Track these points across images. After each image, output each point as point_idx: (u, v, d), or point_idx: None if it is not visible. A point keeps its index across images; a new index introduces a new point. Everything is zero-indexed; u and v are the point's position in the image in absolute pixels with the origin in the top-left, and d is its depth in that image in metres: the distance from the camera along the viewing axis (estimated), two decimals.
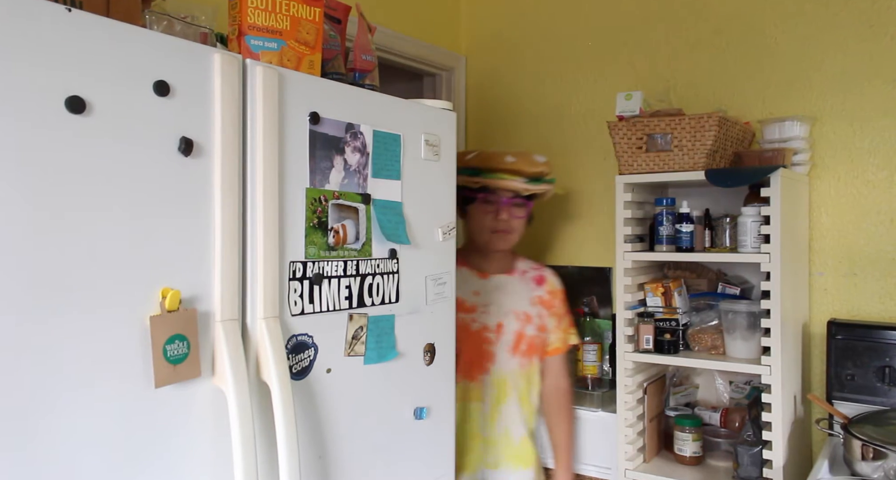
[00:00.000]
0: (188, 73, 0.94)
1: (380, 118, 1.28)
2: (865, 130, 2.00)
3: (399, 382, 1.33)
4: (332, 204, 1.18)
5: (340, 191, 1.20)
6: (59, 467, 0.81)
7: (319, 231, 1.15)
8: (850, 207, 2.02)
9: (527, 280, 2.03)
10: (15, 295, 0.76)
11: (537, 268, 2.07)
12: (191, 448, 0.95)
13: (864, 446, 1.56)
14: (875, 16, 1.98)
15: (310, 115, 1.13)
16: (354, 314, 1.22)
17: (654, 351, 1.96)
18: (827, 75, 2.05)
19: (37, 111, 0.78)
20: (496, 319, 1.93)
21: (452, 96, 2.68)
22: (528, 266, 2.07)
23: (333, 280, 1.18)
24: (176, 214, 0.93)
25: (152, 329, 0.88)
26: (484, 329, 1.92)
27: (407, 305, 1.34)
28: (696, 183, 1.92)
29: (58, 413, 0.80)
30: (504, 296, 1.96)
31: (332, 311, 1.18)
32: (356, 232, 1.23)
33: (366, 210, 1.24)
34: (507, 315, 1.94)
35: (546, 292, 2.03)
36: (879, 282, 1.97)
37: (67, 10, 0.80)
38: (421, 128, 1.38)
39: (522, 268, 2.05)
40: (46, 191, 0.79)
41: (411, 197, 1.35)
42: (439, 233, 1.43)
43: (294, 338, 1.11)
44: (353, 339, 1.22)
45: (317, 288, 1.15)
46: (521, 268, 2.04)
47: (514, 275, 2.02)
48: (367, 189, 1.25)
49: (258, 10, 1.15)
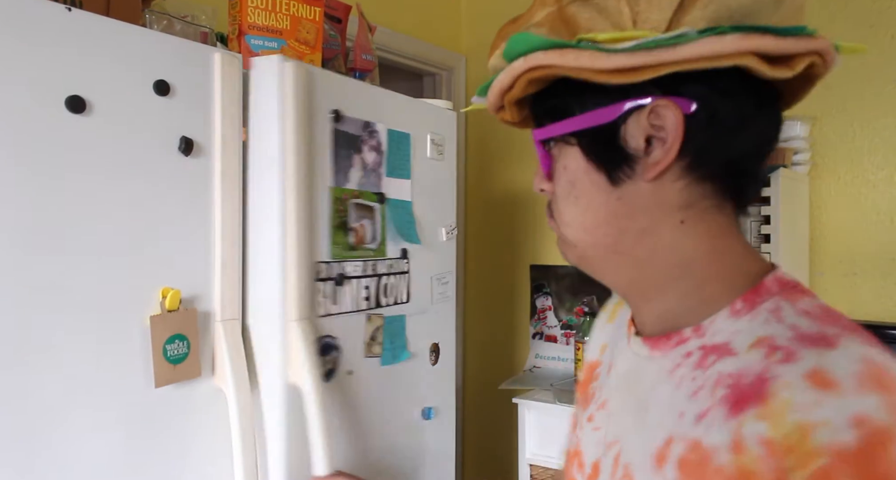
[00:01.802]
0: (188, 72, 0.94)
1: (392, 117, 1.28)
2: (865, 130, 1.99)
3: (408, 383, 1.33)
4: (352, 203, 1.18)
5: (359, 190, 1.20)
6: (59, 466, 0.81)
7: (341, 231, 1.15)
8: (850, 207, 2.02)
9: (703, 380, 0.51)
10: (15, 295, 0.76)
11: (775, 350, 0.48)
12: (191, 448, 0.95)
13: None
14: (875, 16, 1.98)
15: (333, 113, 1.13)
16: (373, 315, 1.23)
17: None
18: (827, 75, 2.05)
19: (37, 110, 0.78)
20: (597, 446, 0.63)
21: (452, 96, 2.68)
22: (746, 333, 0.51)
23: (354, 280, 1.19)
24: (176, 214, 0.93)
25: (152, 328, 0.88)
26: (573, 456, 0.69)
27: (415, 305, 1.34)
28: None
29: (57, 413, 0.80)
30: (627, 399, 0.60)
31: (353, 312, 1.18)
32: (373, 231, 1.23)
33: (381, 209, 1.25)
34: (613, 445, 0.59)
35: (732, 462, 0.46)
36: (879, 282, 1.97)
37: (67, 10, 0.80)
38: (427, 128, 1.38)
39: (711, 338, 0.53)
40: (47, 190, 0.79)
41: (419, 196, 1.35)
42: (443, 232, 1.43)
43: (321, 340, 1.10)
44: (370, 340, 1.22)
45: (339, 288, 1.15)
46: (703, 336, 0.54)
47: (668, 353, 0.56)
48: (382, 188, 1.25)
49: (258, 9, 1.15)
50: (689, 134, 0.51)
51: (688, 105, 0.51)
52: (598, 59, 0.50)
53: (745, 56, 0.49)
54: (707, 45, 0.48)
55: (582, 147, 0.55)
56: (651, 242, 0.55)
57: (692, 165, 0.52)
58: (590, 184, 0.55)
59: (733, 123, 0.52)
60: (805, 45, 0.50)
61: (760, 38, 0.49)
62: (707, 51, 0.48)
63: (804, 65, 0.50)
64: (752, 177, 0.56)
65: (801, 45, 0.50)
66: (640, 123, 0.52)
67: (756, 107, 0.53)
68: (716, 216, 0.54)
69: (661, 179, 0.53)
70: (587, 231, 0.57)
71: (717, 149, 0.52)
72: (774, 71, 0.50)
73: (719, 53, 0.48)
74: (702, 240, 0.54)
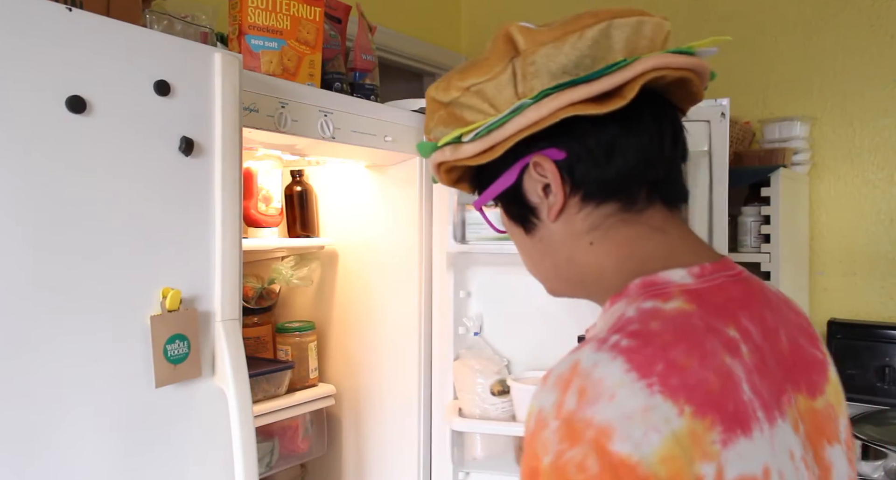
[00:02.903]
0: (189, 72, 0.94)
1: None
2: (865, 130, 2.00)
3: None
4: None
5: None
6: (59, 467, 0.81)
7: None
8: (850, 207, 2.02)
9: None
10: (15, 295, 0.76)
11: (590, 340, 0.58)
12: (191, 448, 0.95)
13: (864, 446, 1.56)
14: (875, 16, 1.98)
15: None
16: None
17: None
18: (827, 75, 2.05)
19: (37, 111, 0.78)
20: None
21: None
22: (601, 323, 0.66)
23: None
24: (176, 214, 0.93)
25: (153, 329, 0.88)
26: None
27: None
28: None
29: (58, 413, 0.80)
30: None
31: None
32: None
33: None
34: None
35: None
36: (879, 282, 1.97)
37: (68, 10, 0.80)
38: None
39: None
40: (47, 190, 0.79)
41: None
42: None
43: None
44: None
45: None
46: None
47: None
48: None
49: (258, 9, 1.15)
50: (570, 173, 0.62)
51: (557, 153, 0.61)
52: (457, 152, 0.64)
53: (566, 109, 0.59)
54: (529, 114, 0.60)
55: (501, 208, 0.69)
56: (576, 266, 0.65)
57: (585, 196, 0.62)
58: (517, 234, 0.69)
59: (603, 152, 0.61)
60: (624, 76, 0.58)
61: (572, 91, 0.58)
62: (533, 118, 0.59)
63: (636, 90, 0.58)
64: (661, 182, 0.63)
65: (619, 76, 0.58)
66: (532, 179, 0.63)
67: (623, 130, 0.61)
68: (622, 229, 0.63)
69: (565, 215, 0.64)
70: (536, 271, 0.70)
71: (597, 177, 0.61)
72: (606, 106, 0.58)
73: (542, 117, 0.59)
74: (609, 254, 0.63)
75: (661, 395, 0.48)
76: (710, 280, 0.59)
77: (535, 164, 0.62)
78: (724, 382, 0.51)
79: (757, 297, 0.61)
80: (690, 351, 0.51)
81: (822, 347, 0.66)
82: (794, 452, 0.54)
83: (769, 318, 0.60)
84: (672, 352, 0.50)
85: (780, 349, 0.60)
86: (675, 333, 0.52)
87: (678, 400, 0.48)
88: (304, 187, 1.62)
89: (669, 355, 0.50)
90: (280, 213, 1.57)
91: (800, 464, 0.54)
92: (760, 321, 0.59)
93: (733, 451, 0.48)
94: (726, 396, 0.50)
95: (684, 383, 0.49)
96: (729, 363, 0.52)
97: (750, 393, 0.52)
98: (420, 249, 1.53)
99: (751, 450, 0.50)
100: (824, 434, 0.59)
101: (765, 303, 0.61)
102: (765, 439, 0.51)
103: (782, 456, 0.52)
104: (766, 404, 0.53)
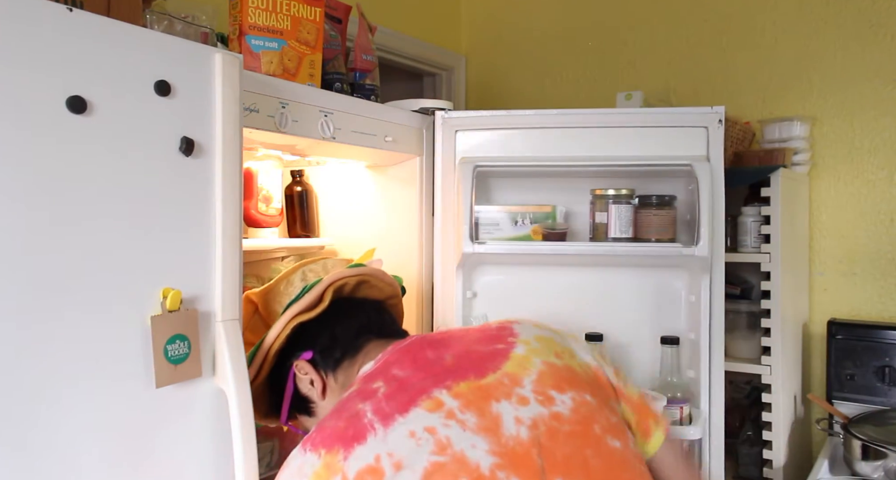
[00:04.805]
0: (189, 72, 0.94)
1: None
2: (865, 130, 2.00)
3: None
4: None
5: None
6: (59, 467, 0.81)
7: None
8: (850, 207, 2.02)
9: None
10: (16, 295, 0.76)
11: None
12: (191, 448, 0.95)
13: (864, 446, 1.56)
14: (875, 16, 1.98)
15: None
16: None
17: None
18: (827, 75, 2.05)
19: (38, 111, 0.78)
20: None
21: (452, 96, 2.68)
22: None
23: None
24: (177, 214, 0.93)
25: (153, 329, 0.88)
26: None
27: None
28: None
29: (58, 413, 0.80)
30: None
31: None
32: None
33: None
34: None
35: None
36: (879, 282, 1.97)
37: (68, 10, 0.80)
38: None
39: None
40: (47, 190, 0.79)
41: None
42: None
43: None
44: None
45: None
46: None
47: None
48: None
49: (259, 9, 1.15)
50: (321, 363, 1.02)
51: (308, 354, 1.02)
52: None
53: (285, 329, 1.02)
54: (268, 340, 1.03)
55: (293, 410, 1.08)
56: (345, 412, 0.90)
57: (335, 374, 1.01)
58: (310, 426, 1.04)
59: (328, 343, 1.02)
60: (320, 288, 1.05)
61: (289, 314, 1.03)
62: (269, 341, 1.03)
63: (330, 297, 1.06)
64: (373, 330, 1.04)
65: (316, 291, 1.05)
66: (300, 378, 1.03)
67: (339, 317, 1.05)
68: (347, 373, 1.00)
69: (328, 390, 1.02)
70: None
71: (331, 355, 1.02)
72: (312, 313, 1.04)
73: (273, 340, 1.03)
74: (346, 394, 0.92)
75: (309, 452, 0.80)
76: (381, 360, 0.92)
77: (296, 369, 1.01)
78: (349, 422, 0.79)
79: (415, 347, 0.92)
80: (335, 415, 0.83)
81: (508, 340, 0.91)
82: (434, 422, 0.77)
83: (430, 355, 0.89)
84: (324, 423, 0.83)
85: (434, 369, 0.86)
86: (332, 410, 0.85)
87: (317, 449, 0.79)
88: (305, 187, 1.62)
89: (322, 425, 0.82)
90: (280, 213, 1.57)
91: (449, 421, 0.78)
92: (413, 362, 0.88)
93: (352, 458, 0.75)
94: (348, 429, 0.78)
95: (320, 436, 0.80)
96: (359, 406, 0.82)
97: (371, 415, 0.79)
98: (420, 249, 1.53)
99: (364, 451, 0.76)
100: (491, 397, 0.82)
101: (428, 346, 0.91)
102: (377, 439, 0.76)
103: (400, 437, 0.76)
104: (387, 414, 0.79)
